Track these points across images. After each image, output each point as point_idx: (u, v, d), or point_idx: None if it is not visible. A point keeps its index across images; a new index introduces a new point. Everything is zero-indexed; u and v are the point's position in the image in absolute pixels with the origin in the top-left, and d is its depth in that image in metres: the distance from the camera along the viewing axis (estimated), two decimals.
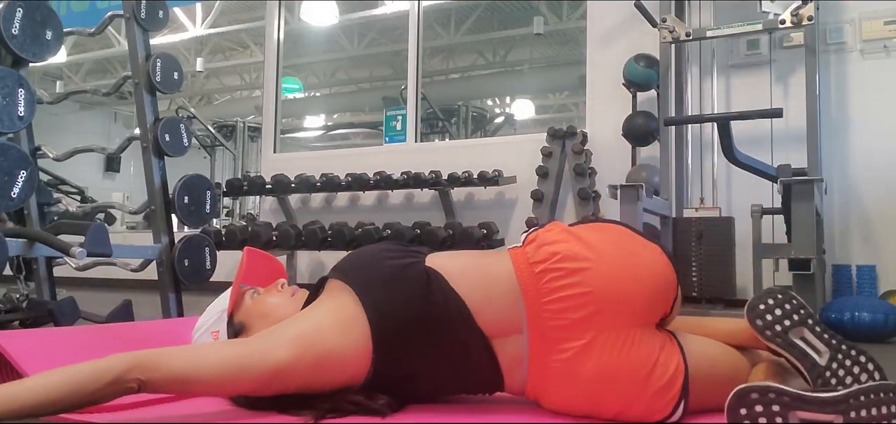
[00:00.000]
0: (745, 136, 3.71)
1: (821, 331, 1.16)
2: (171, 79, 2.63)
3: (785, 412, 1.00)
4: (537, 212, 4.15)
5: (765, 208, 3.46)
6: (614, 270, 1.17)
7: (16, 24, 2.13)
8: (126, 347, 1.52)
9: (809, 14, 3.36)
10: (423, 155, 5.01)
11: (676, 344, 1.19)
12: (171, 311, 2.49)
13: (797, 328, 1.16)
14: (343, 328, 1.18)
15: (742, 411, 1.02)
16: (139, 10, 2.57)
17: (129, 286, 3.78)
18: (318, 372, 1.16)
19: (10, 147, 2.00)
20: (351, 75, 10.44)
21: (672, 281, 1.22)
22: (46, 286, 2.50)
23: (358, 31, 9.02)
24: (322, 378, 1.17)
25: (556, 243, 1.21)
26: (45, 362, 1.26)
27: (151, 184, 2.53)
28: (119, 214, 7.83)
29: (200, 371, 1.08)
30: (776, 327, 1.16)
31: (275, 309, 1.35)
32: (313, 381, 1.16)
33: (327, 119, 11.54)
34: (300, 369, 1.14)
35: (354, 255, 1.34)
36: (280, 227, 4.78)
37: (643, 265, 1.20)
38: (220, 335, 1.33)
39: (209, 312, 1.39)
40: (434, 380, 1.26)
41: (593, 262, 1.17)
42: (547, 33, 8.23)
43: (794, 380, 1.13)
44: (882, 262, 3.62)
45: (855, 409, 1.00)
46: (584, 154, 4.22)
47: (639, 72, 4.05)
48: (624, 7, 4.20)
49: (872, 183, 3.70)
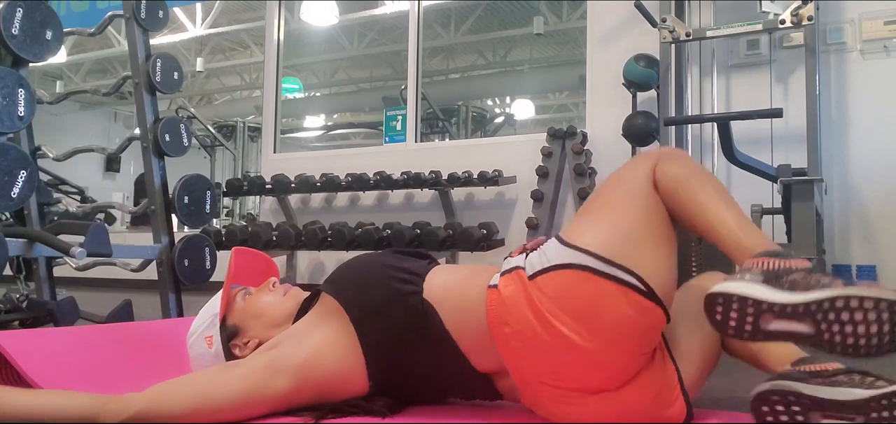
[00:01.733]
0: (745, 136, 3.71)
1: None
2: (171, 79, 2.63)
3: (805, 412, 1.01)
4: (537, 212, 4.14)
5: (765, 208, 3.46)
6: (591, 355, 1.06)
7: (16, 24, 2.13)
8: (126, 347, 1.52)
9: (809, 14, 3.36)
10: (423, 155, 5.00)
11: (668, 356, 1.17)
12: (171, 311, 2.49)
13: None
14: (340, 353, 1.20)
15: (764, 409, 1.05)
16: (139, 10, 2.57)
17: (129, 286, 3.77)
18: (322, 393, 1.20)
19: (10, 147, 2.00)
20: (351, 75, 10.44)
21: (653, 318, 1.08)
22: (46, 286, 2.50)
23: (358, 31, 9.01)
24: (326, 397, 1.20)
25: (522, 320, 1.09)
26: (45, 362, 1.27)
27: (151, 184, 2.53)
28: (119, 214, 7.83)
29: (206, 406, 1.09)
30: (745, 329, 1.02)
31: (268, 309, 1.34)
32: (318, 399, 1.19)
33: (327, 119, 11.53)
34: (303, 396, 1.17)
35: (351, 269, 1.29)
36: (280, 227, 4.78)
37: (619, 327, 1.05)
38: (214, 339, 1.32)
39: (202, 316, 1.37)
40: (433, 394, 1.28)
41: (562, 353, 1.07)
42: (547, 33, 8.23)
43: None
44: (882, 262, 3.62)
45: (876, 411, 0.99)
46: (584, 154, 4.22)
47: (639, 72, 4.05)
48: (624, 7, 4.20)
49: (872, 183, 3.70)
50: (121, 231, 7.68)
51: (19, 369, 1.20)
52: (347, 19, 8.15)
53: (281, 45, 5.90)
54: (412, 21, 5.27)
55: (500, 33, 8.77)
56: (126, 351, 1.51)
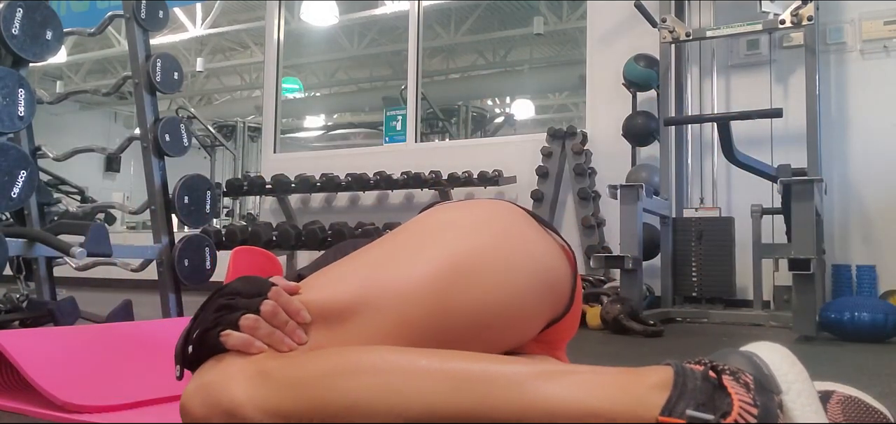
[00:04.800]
0: (745, 136, 3.71)
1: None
2: (171, 79, 2.62)
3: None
4: (537, 212, 4.15)
5: (765, 208, 3.47)
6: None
7: (16, 24, 2.13)
8: (126, 347, 1.52)
9: (809, 14, 3.36)
10: (423, 155, 5.01)
11: None
12: (171, 311, 2.49)
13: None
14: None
15: None
16: (139, 10, 2.57)
17: (129, 286, 3.78)
18: None
19: (10, 147, 2.00)
20: (351, 75, 10.44)
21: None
22: (46, 286, 2.50)
23: (358, 31, 9.01)
24: None
25: None
26: (45, 362, 1.27)
27: (151, 184, 2.53)
28: (119, 214, 7.83)
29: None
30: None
31: None
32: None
33: (327, 119, 11.54)
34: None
35: (338, 252, 1.20)
36: (280, 227, 4.79)
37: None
38: None
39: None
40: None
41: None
42: (547, 33, 8.23)
43: None
44: (882, 262, 3.62)
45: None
46: (584, 154, 4.23)
47: (639, 72, 4.05)
48: (624, 7, 4.20)
49: (872, 183, 3.70)
50: (121, 231, 7.68)
51: (20, 369, 1.20)
52: (347, 19, 8.15)
53: (281, 45, 5.90)
54: (412, 21, 5.27)
55: (500, 33, 8.77)
56: (126, 350, 1.51)
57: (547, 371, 0.67)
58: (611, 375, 0.65)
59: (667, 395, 0.60)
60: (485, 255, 0.86)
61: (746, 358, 0.65)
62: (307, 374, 0.72)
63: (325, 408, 0.70)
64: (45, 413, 1.13)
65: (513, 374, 0.67)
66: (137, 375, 1.35)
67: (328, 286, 0.85)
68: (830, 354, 2.25)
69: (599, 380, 0.64)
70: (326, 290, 0.83)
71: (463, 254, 0.85)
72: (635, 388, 0.62)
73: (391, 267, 0.85)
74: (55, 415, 1.12)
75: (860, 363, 2.02)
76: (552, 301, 0.94)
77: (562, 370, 0.67)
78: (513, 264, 0.88)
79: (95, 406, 1.14)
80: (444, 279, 0.82)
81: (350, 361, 0.72)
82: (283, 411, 0.71)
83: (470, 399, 0.66)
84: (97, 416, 1.11)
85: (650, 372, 0.64)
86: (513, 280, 0.87)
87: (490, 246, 0.87)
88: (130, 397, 1.21)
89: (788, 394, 0.62)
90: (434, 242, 0.87)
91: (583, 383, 0.64)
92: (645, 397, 0.61)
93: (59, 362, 1.30)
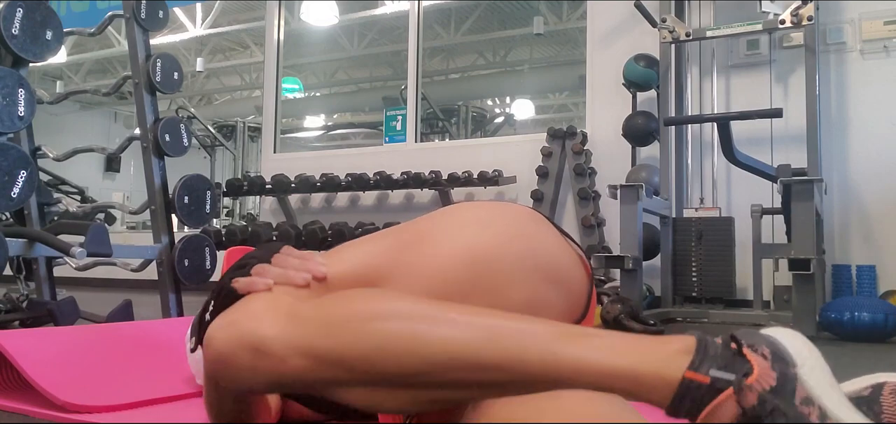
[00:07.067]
0: (745, 136, 3.71)
1: None
2: (171, 79, 2.63)
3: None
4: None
5: (765, 208, 3.47)
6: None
7: (16, 24, 2.13)
8: (126, 347, 1.52)
9: (809, 14, 3.36)
10: (423, 155, 5.01)
11: None
12: (171, 311, 2.49)
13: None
14: None
15: None
16: (139, 10, 2.57)
17: (129, 286, 3.78)
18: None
19: (10, 147, 2.00)
20: (351, 75, 10.44)
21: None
22: (46, 286, 2.50)
23: (358, 31, 9.01)
24: None
25: None
26: (45, 362, 1.26)
27: (151, 184, 2.53)
28: (119, 214, 7.83)
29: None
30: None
31: None
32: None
33: (327, 119, 11.54)
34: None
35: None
36: (280, 227, 4.78)
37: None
38: None
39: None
40: None
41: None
42: (547, 33, 8.23)
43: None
44: (882, 262, 3.62)
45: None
46: (584, 154, 4.23)
47: (638, 72, 4.05)
48: (624, 7, 4.20)
49: (872, 183, 3.70)
50: (121, 231, 7.68)
51: (20, 369, 1.20)
52: (347, 19, 8.15)
53: (281, 45, 5.90)
54: (412, 21, 5.27)
55: (500, 33, 8.77)
56: (126, 350, 1.51)
57: (574, 331, 0.69)
58: (636, 340, 0.67)
59: (690, 358, 0.63)
60: (508, 252, 0.87)
61: (762, 336, 0.68)
62: (337, 315, 0.73)
63: (353, 349, 0.70)
64: (45, 413, 1.13)
65: (541, 332, 0.68)
66: (137, 375, 1.35)
67: (354, 257, 0.86)
68: (831, 354, 2.24)
69: (625, 343, 0.67)
70: (353, 260, 0.85)
71: (486, 248, 0.86)
72: (660, 351, 0.65)
73: (417, 249, 0.86)
74: (55, 415, 1.12)
75: (860, 363, 2.02)
76: (569, 306, 0.95)
77: (588, 332, 0.69)
78: (534, 265, 0.89)
79: (95, 406, 1.14)
80: (468, 269, 0.84)
81: (381, 305, 0.73)
82: (312, 350, 0.71)
83: (497, 351, 0.67)
84: (97, 416, 1.11)
85: (674, 339, 0.66)
86: (533, 281, 0.88)
87: (512, 245, 0.89)
88: (130, 397, 1.21)
89: (803, 368, 0.65)
90: (461, 233, 0.89)
91: (609, 345, 0.66)
92: (670, 359, 0.64)
93: (59, 362, 1.30)
